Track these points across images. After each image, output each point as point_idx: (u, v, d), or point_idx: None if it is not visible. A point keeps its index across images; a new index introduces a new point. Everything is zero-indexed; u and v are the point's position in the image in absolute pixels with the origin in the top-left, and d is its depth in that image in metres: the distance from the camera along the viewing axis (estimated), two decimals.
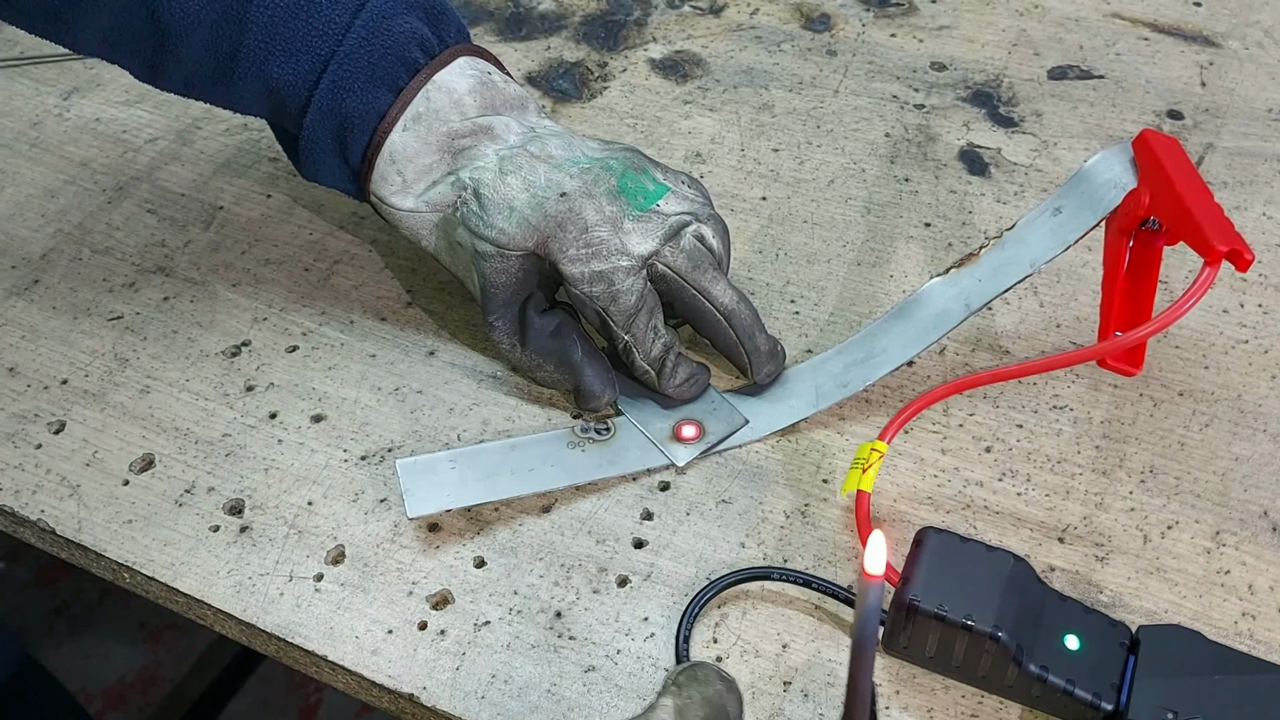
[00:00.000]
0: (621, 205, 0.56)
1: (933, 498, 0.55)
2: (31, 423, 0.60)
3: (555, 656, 0.50)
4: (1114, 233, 0.55)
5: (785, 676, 0.49)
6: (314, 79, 0.56)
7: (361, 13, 0.56)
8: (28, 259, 0.68)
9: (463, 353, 0.62)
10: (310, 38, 0.55)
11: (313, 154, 0.58)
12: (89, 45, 0.58)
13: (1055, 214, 0.55)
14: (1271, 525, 0.53)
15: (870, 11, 0.82)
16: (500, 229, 0.55)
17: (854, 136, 0.73)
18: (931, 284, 0.57)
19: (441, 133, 0.57)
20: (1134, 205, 0.53)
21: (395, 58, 0.56)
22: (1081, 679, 0.45)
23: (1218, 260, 0.48)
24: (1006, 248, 0.56)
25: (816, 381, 0.59)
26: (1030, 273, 0.54)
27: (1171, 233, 0.53)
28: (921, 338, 0.56)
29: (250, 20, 0.55)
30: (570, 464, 0.55)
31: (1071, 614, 0.47)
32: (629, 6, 0.84)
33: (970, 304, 0.56)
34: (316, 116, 0.56)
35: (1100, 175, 0.55)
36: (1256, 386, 0.59)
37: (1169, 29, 0.79)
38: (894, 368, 0.57)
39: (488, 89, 0.58)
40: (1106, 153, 0.55)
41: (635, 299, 0.55)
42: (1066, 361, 0.52)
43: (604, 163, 0.57)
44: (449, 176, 0.57)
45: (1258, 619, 0.50)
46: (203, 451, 0.58)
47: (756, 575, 0.51)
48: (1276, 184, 0.69)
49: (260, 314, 0.64)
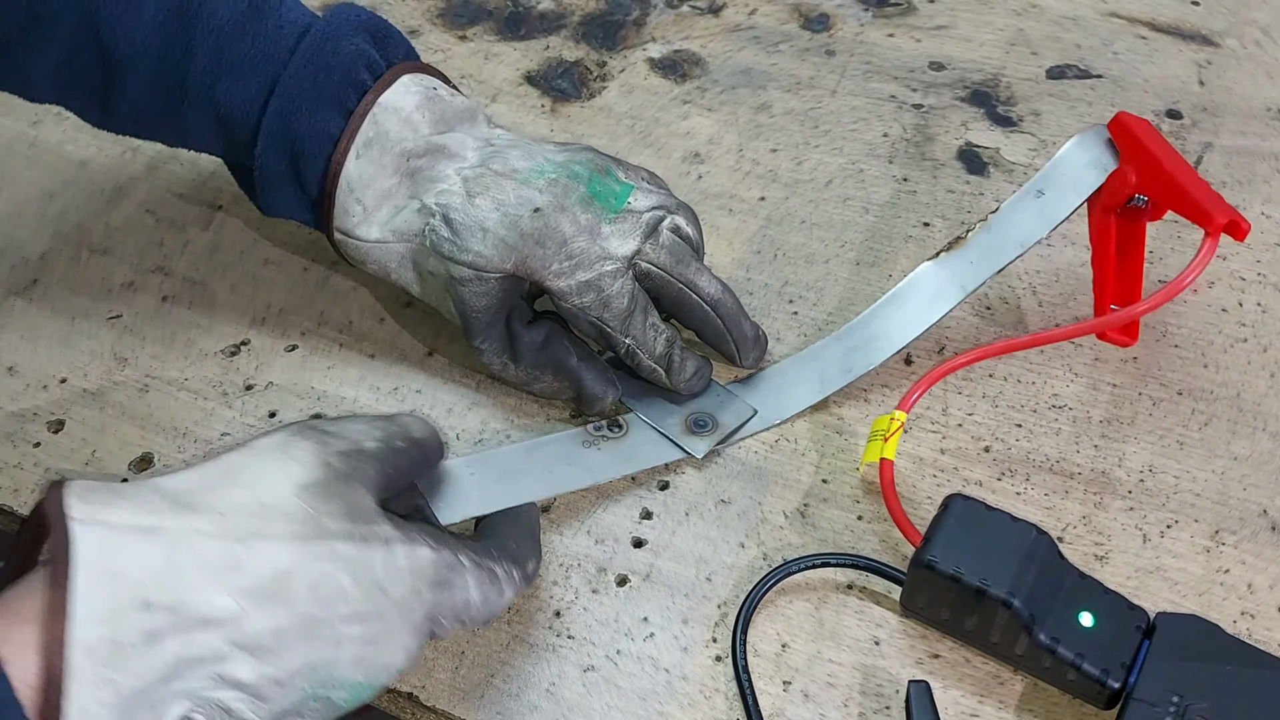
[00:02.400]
0: (595, 211, 0.55)
1: (932, 497, 0.55)
2: (30, 422, 0.60)
3: (554, 656, 0.50)
4: (1099, 212, 0.57)
5: (785, 676, 0.49)
6: (262, 101, 0.55)
7: (307, 35, 0.55)
8: (26, 259, 0.68)
9: (461, 353, 0.62)
10: (256, 60, 0.54)
11: (268, 182, 0.57)
12: (42, 84, 0.57)
13: (1038, 196, 0.57)
14: (1271, 524, 0.53)
15: (868, 11, 0.82)
16: (476, 252, 0.54)
17: (852, 137, 0.73)
18: (923, 268, 0.58)
19: (396, 153, 0.55)
20: (1121, 184, 0.55)
21: (342, 78, 0.55)
22: (1092, 655, 0.46)
23: (1218, 231, 0.50)
24: (994, 230, 0.57)
25: (819, 368, 0.59)
26: (1021, 253, 0.56)
27: (1157, 208, 0.56)
28: (920, 320, 0.57)
29: (196, 46, 0.54)
30: (589, 464, 0.55)
31: (1090, 591, 0.48)
32: (628, 6, 0.84)
33: (965, 286, 0.57)
34: (267, 142, 0.55)
35: (1079, 157, 0.56)
36: (1255, 385, 0.59)
37: (1167, 28, 0.79)
38: (896, 351, 0.57)
39: (435, 104, 0.57)
40: (1082, 136, 0.57)
41: (627, 301, 0.55)
42: (1074, 333, 0.55)
43: (569, 169, 0.56)
44: (412, 202, 0.56)
45: (1257, 618, 0.50)
46: (201, 451, 0.58)
47: (814, 564, 0.52)
48: (1275, 182, 0.69)
49: (259, 314, 0.64)
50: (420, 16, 0.84)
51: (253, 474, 0.41)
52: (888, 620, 0.51)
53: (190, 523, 0.38)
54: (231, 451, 0.42)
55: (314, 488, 0.41)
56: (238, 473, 0.41)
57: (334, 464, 0.42)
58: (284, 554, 0.39)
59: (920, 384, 0.54)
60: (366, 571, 0.40)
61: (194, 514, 0.39)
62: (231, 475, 0.41)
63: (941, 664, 0.50)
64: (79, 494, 0.38)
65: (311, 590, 0.39)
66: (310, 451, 0.42)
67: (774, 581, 0.51)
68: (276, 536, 0.39)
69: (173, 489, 0.40)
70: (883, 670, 0.49)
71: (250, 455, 0.42)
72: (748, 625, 0.50)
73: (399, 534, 0.42)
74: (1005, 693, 0.48)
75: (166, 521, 0.38)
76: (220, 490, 0.40)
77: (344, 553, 0.40)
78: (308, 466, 0.41)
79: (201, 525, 0.39)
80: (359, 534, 0.41)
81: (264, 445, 0.42)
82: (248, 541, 0.39)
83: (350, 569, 0.40)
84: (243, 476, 0.41)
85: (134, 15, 0.54)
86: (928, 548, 0.48)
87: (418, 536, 0.43)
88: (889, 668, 0.49)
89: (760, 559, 0.53)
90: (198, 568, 0.38)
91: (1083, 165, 0.56)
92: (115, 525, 0.37)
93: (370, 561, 0.40)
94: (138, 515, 0.38)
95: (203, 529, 0.38)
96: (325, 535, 0.40)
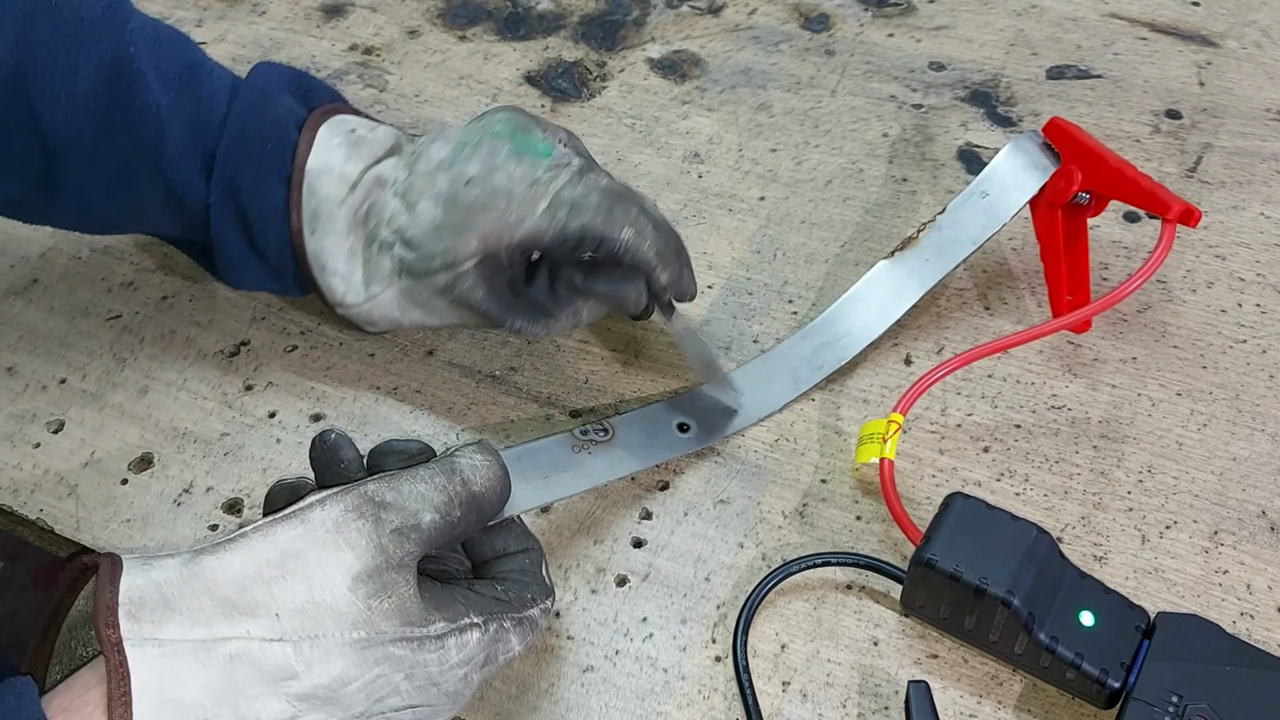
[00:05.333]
0: (526, 163, 0.53)
1: (931, 498, 0.55)
2: (30, 422, 0.60)
3: (553, 656, 0.50)
4: (1044, 210, 0.60)
5: (784, 676, 0.49)
6: (206, 176, 0.54)
7: (236, 99, 0.55)
8: (26, 258, 0.68)
9: (461, 352, 0.62)
10: (196, 130, 0.54)
11: (233, 260, 0.57)
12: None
13: (983, 196, 0.60)
14: (1269, 525, 0.53)
15: (868, 11, 0.82)
16: (441, 253, 0.53)
17: (852, 136, 0.73)
18: (880, 267, 0.61)
19: (341, 213, 0.55)
20: (1066, 182, 0.58)
21: (278, 140, 0.54)
22: (1091, 655, 0.46)
23: (1176, 218, 0.54)
24: (944, 230, 0.60)
25: (790, 366, 0.60)
26: (974, 250, 0.59)
27: (1099, 204, 0.59)
28: (884, 317, 0.60)
29: (134, 124, 0.53)
30: (583, 468, 0.55)
31: (1090, 591, 0.48)
32: (627, 6, 0.84)
33: (924, 282, 0.60)
34: (220, 216, 0.55)
35: (1017, 161, 0.60)
36: (1254, 386, 0.59)
37: (1167, 28, 0.79)
38: (865, 345, 0.60)
39: (358, 145, 0.55)
40: (1016, 142, 0.60)
41: (598, 196, 0.52)
42: (1049, 330, 0.56)
43: (489, 131, 0.54)
44: (372, 246, 0.55)
45: (1255, 618, 0.50)
46: (201, 451, 0.58)
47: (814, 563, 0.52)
48: (1274, 184, 0.69)
49: (259, 313, 0.64)
50: (420, 17, 0.84)
51: (306, 564, 0.40)
52: (886, 621, 0.51)
53: (245, 627, 0.39)
54: (283, 525, 0.41)
55: (368, 579, 0.40)
56: (291, 560, 0.40)
57: (388, 548, 0.41)
58: (339, 660, 0.39)
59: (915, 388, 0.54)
60: (421, 670, 0.41)
61: (249, 618, 0.39)
62: (285, 564, 0.40)
63: (939, 664, 0.50)
64: (130, 611, 0.38)
65: (366, 692, 0.40)
66: (365, 534, 0.41)
67: (776, 581, 0.51)
68: (332, 639, 0.39)
69: (223, 582, 0.39)
70: (881, 670, 0.49)
71: (304, 538, 0.41)
72: (749, 625, 0.50)
73: (449, 625, 0.42)
74: (1003, 693, 0.48)
75: (221, 630, 0.38)
76: (274, 586, 0.40)
77: (398, 655, 0.40)
78: (361, 553, 0.41)
79: (257, 630, 0.39)
80: (413, 635, 0.41)
81: (317, 523, 0.41)
82: (303, 647, 0.39)
83: (404, 668, 0.41)
84: (296, 565, 0.40)
85: (69, 93, 0.52)
86: (928, 546, 0.48)
87: (465, 615, 0.43)
88: (887, 668, 0.49)
89: (759, 559, 0.53)
90: (255, 679, 0.38)
91: (1022, 168, 0.60)
92: (170, 643, 0.38)
93: (424, 661, 0.41)
94: (192, 629, 0.38)
95: (258, 634, 0.39)
96: (380, 639, 0.40)
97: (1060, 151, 0.59)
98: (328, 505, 0.42)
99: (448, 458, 0.45)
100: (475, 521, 0.45)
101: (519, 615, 0.44)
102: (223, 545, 0.41)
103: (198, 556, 0.40)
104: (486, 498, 0.45)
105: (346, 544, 0.41)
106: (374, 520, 0.41)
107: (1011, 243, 0.65)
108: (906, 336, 0.62)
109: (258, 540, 0.41)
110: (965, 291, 0.64)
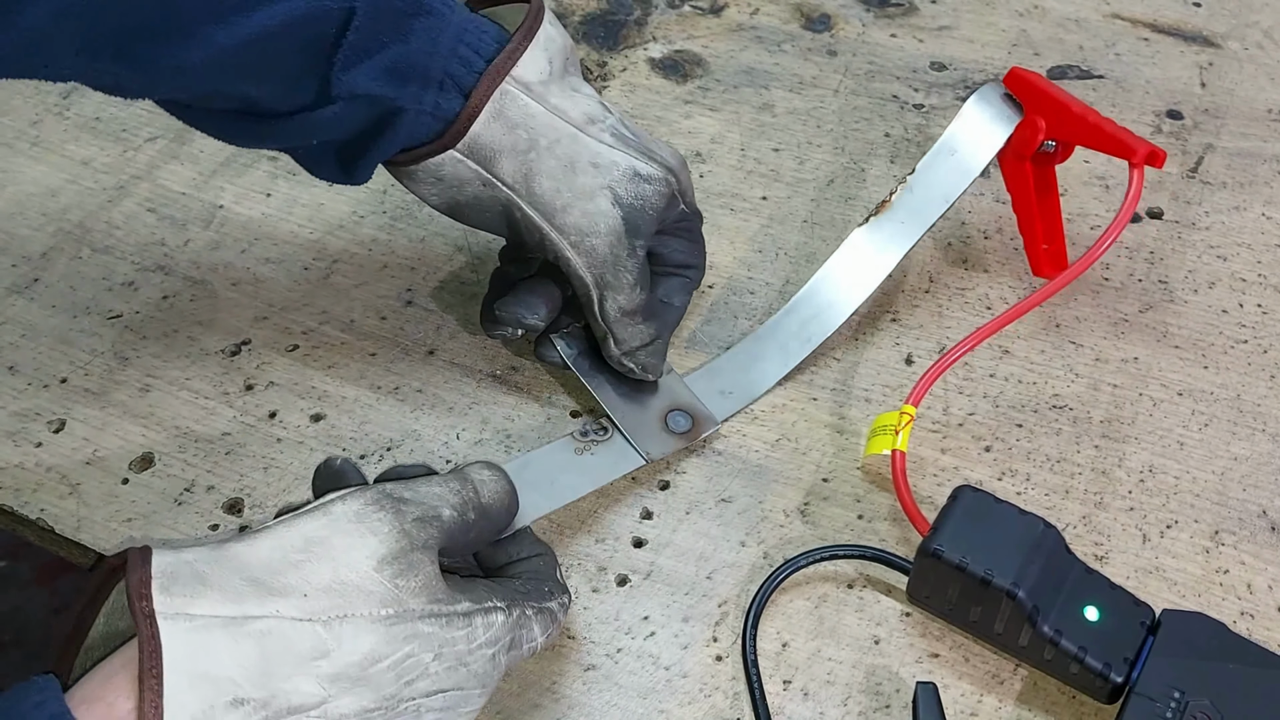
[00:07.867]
0: None
1: (932, 497, 0.55)
2: (32, 421, 0.60)
3: (555, 655, 0.50)
4: (1011, 161, 0.60)
5: (786, 674, 0.49)
6: None
7: None
8: (28, 257, 0.68)
9: (462, 352, 0.62)
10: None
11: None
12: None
13: (951, 154, 0.60)
14: (1270, 525, 0.53)
15: (870, 12, 0.82)
16: (664, 156, 0.55)
17: (854, 136, 0.73)
18: (855, 234, 0.61)
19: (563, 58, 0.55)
20: (1031, 132, 0.58)
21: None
22: (1095, 649, 0.46)
23: (1142, 161, 0.54)
24: (915, 190, 0.60)
25: (778, 343, 0.60)
26: (948, 207, 0.59)
27: (1064, 151, 0.59)
28: (866, 283, 0.60)
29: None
30: (588, 469, 0.54)
31: (1096, 586, 0.48)
32: (629, 6, 0.84)
33: (902, 245, 0.60)
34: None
35: (981, 114, 0.60)
36: (1255, 386, 0.59)
37: (1169, 29, 0.79)
38: (849, 314, 0.60)
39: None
40: (978, 95, 0.60)
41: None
42: (1041, 298, 0.55)
43: None
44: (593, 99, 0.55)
45: (1256, 618, 0.50)
46: (202, 450, 0.58)
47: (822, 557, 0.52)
48: (1276, 184, 0.69)
49: (260, 313, 0.64)
50: None
51: (332, 549, 0.41)
52: (888, 618, 0.51)
53: (275, 606, 0.39)
54: (306, 517, 0.42)
55: (393, 561, 0.41)
56: (316, 545, 0.41)
57: (411, 532, 0.42)
58: (369, 637, 0.40)
59: (926, 377, 0.54)
60: (449, 648, 0.41)
61: (278, 597, 0.39)
62: (310, 549, 0.40)
63: (941, 663, 0.50)
64: (163, 584, 0.38)
65: (396, 671, 0.40)
66: (387, 523, 0.42)
67: (784, 576, 0.51)
68: (361, 617, 0.40)
69: (253, 564, 0.40)
70: (882, 668, 0.49)
71: (328, 527, 0.41)
72: (758, 621, 0.50)
73: (475, 605, 0.42)
74: (1004, 691, 0.49)
75: (251, 608, 0.39)
76: (302, 567, 0.40)
77: (427, 632, 0.41)
78: (384, 538, 0.41)
79: (286, 609, 0.39)
80: (440, 611, 0.41)
81: (340, 514, 0.42)
82: (333, 625, 0.39)
83: (433, 647, 0.41)
84: (322, 550, 0.40)
85: None
86: (935, 537, 0.48)
87: (488, 599, 0.43)
88: (889, 665, 0.49)
89: (761, 557, 0.53)
90: (286, 658, 0.38)
91: (986, 121, 0.59)
92: (202, 618, 0.38)
93: (453, 639, 0.41)
94: (223, 605, 0.38)
95: (288, 613, 0.39)
96: (408, 615, 0.40)
97: (1022, 102, 0.59)
98: (348, 500, 0.42)
99: (457, 470, 0.46)
100: (486, 530, 0.46)
101: (539, 605, 0.45)
102: (248, 534, 0.41)
103: (224, 544, 0.41)
104: (496, 509, 0.46)
105: (369, 531, 0.41)
106: (395, 511, 0.42)
107: (1013, 242, 0.65)
108: (908, 336, 0.62)
109: (282, 529, 0.41)
110: (966, 291, 0.64)
